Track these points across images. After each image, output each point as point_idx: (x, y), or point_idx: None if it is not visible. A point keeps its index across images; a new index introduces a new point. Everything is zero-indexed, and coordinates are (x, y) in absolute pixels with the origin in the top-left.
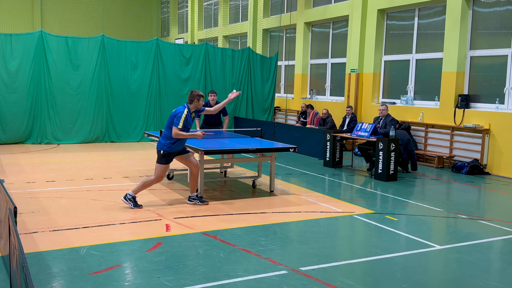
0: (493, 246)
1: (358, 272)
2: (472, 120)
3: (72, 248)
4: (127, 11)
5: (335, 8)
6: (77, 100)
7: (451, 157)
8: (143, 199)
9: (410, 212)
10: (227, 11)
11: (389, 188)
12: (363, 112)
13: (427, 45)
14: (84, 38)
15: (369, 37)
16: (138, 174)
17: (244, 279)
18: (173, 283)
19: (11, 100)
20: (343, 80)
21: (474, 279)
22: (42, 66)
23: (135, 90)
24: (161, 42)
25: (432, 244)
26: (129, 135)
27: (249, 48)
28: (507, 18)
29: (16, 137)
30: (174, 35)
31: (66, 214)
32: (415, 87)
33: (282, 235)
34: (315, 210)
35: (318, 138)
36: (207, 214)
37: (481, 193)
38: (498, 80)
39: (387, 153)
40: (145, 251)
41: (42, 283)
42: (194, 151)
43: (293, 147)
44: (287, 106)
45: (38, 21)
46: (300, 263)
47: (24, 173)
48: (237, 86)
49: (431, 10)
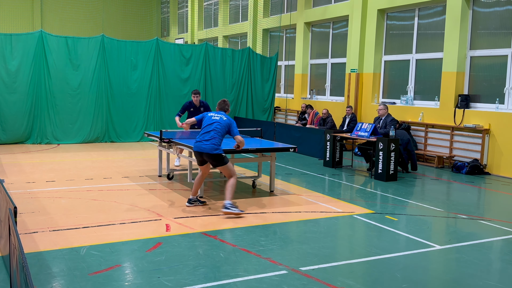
0: (493, 246)
1: (358, 272)
2: (472, 120)
3: (72, 248)
4: (127, 11)
5: (335, 8)
6: (77, 100)
7: (451, 157)
8: (143, 199)
9: (410, 212)
10: (227, 11)
11: (389, 188)
12: (363, 112)
13: (427, 45)
14: (84, 38)
15: (369, 37)
16: (138, 174)
17: (244, 279)
18: (173, 283)
19: (11, 100)
20: (343, 80)
21: (474, 279)
22: (42, 66)
23: (135, 90)
24: (161, 42)
25: (432, 244)
26: (129, 135)
27: (249, 48)
28: (507, 18)
29: (16, 137)
30: (174, 35)
31: (66, 214)
32: (415, 87)
33: (282, 235)
34: (315, 210)
35: (318, 138)
36: (207, 214)
37: (481, 193)
38: (498, 80)
39: (387, 153)
40: (145, 251)
41: (42, 283)
42: None
43: (293, 147)
44: (287, 106)
45: (38, 21)
46: (300, 263)
47: (24, 173)
48: (237, 86)
49: (431, 10)
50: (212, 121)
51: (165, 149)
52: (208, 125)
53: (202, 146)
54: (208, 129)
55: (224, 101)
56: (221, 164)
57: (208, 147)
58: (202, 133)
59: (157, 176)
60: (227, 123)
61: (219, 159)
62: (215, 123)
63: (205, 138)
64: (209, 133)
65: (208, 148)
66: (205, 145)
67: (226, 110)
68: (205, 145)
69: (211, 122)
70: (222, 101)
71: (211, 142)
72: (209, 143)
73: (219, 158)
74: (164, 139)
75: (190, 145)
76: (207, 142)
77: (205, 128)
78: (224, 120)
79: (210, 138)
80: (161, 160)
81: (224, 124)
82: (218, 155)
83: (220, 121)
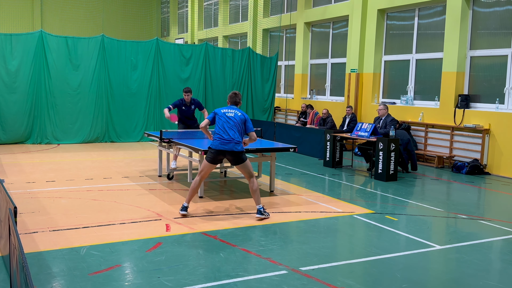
0: (493, 246)
1: (358, 272)
2: (472, 120)
3: (72, 248)
4: (127, 11)
5: (335, 8)
6: (77, 100)
7: (451, 157)
8: (143, 199)
9: (410, 212)
10: (227, 11)
11: (389, 188)
12: (363, 112)
13: (427, 45)
14: (84, 38)
15: (369, 37)
16: (138, 174)
17: (244, 279)
18: (173, 283)
19: (11, 100)
20: (343, 80)
21: (474, 279)
22: (42, 66)
23: (135, 90)
24: (161, 42)
25: (432, 244)
26: (129, 135)
27: (249, 48)
28: (507, 18)
29: (16, 137)
30: (174, 35)
31: (66, 214)
32: (415, 87)
33: (282, 235)
34: (315, 210)
35: (318, 138)
36: (207, 214)
37: (481, 193)
38: (498, 80)
39: (387, 153)
40: (145, 251)
41: (42, 283)
42: (194, 151)
43: (293, 147)
44: (287, 106)
45: (38, 21)
46: (300, 263)
47: (24, 173)
48: (237, 86)
49: (431, 10)
50: (227, 118)
51: (165, 149)
52: (225, 122)
53: (224, 141)
54: (225, 126)
55: (236, 94)
56: (242, 161)
57: (231, 145)
58: (219, 131)
59: (157, 176)
60: (242, 119)
61: (242, 156)
62: (231, 120)
63: (225, 137)
64: (228, 131)
65: (230, 146)
66: (227, 143)
67: (238, 103)
68: (226, 143)
69: (227, 119)
70: (233, 94)
71: (233, 139)
72: (231, 140)
73: (241, 155)
74: (164, 139)
75: (190, 145)
76: (228, 141)
77: (223, 125)
78: (239, 116)
79: (231, 135)
80: (161, 160)
81: (239, 121)
82: (241, 152)
83: (235, 117)
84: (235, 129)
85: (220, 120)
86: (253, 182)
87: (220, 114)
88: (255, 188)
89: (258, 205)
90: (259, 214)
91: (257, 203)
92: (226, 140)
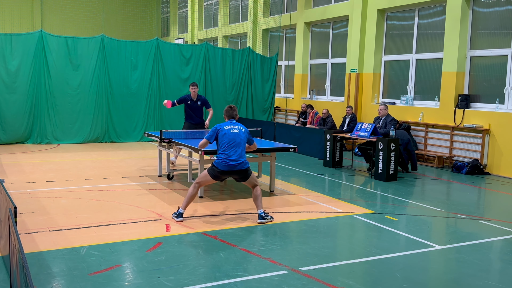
0: (493, 246)
1: (358, 272)
2: (472, 120)
3: (72, 248)
4: (127, 11)
5: (335, 8)
6: (77, 100)
7: (451, 157)
8: (143, 199)
9: (410, 212)
10: (227, 11)
11: (389, 188)
12: (363, 112)
13: (427, 45)
14: (84, 38)
15: (369, 37)
16: (138, 174)
17: (244, 279)
18: (173, 283)
19: (11, 100)
20: (343, 80)
21: (474, 279)
22: (42, 66)
23: (135, 90)
24: (161, 42)
25: (432, 244)
26: (129, 135)
27: (249, 48)
28: (507, 18)
29: (16, 137)
30: (174, 35)
31: (66, 214)
32: (415, 87)
33: (282, 235)
34: (315, 210)
35: (318, 138)
36: (207, 214)
37: (481, 193)
38: (498, 80)
39: (387, 153)
40: (145, 251)
41: (42, 283)
42: (194, 151)
43: (293, 147)
44: (287, 106)
45: (38, 21)
46: (300, 263)
47: (24, 173)
48: (237, 86)
49: (431, 10)
50: (233, 135)
51: (165, 149)
52: (231, 139)
53: (232, 164)
54: (231, 143)
55: (231, 108)
56: (248, 177)
57: (241, 164)
58: (226, 149)
59: (157, 176)
60: (246, 135)
61: (248, 173)
62: (237, 137)
63: (232, 156)
64: (235, 149)
65: (240, 165)
66: (236, 162)
67: (235, 117)
68: (235, 162)
69: (233, 136)
70: (229, 108)
71: (241, 158)
72: (238, 161)
73: (248, 172)
74: (164, 139)
75: (190, 145)
76: (236, 162)
77: (228, 143)
78: (243, 132)
79: (239, 154)
80: (161, 160)
81: (244, 137)
82: (248, 169)
83: (240, 133)
84: (242, 147)
85: (225, 138)
86: (256, 190)
87: (224, 131)
88: (258, 194)
89: (259, 209)
90: (260, 219)
91: (258, 208)
92: (234, 161)
